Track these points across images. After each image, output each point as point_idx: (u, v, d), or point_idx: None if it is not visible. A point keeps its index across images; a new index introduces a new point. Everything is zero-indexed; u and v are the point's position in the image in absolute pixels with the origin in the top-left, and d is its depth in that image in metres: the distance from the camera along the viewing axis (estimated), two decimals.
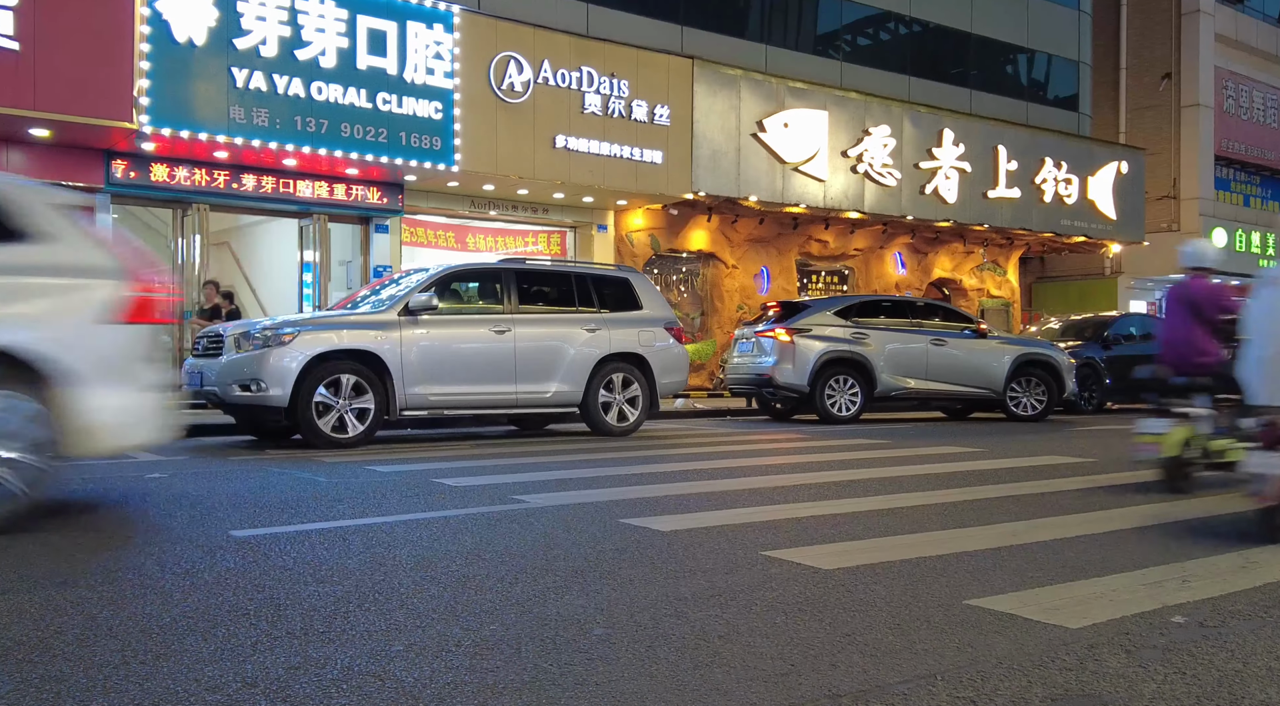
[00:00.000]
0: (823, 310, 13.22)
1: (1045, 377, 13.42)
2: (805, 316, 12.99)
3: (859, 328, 12.93)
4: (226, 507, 5.33)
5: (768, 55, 19.65)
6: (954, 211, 20.49)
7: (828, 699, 2.41)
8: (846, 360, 12.68)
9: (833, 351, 12.59)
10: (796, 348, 12.52)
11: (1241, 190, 29.84)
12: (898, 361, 12.92)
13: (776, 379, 12.62)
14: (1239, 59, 28.69)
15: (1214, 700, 2.42)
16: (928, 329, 13.39)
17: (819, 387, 12.50)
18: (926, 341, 13.14)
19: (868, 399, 12.80)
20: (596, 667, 2.64)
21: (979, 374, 13.28)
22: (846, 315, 13.11)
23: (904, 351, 13.01)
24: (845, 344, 12.70)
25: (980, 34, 23.21)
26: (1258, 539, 4.52)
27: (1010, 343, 13.84)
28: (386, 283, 10.60)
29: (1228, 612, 3.24)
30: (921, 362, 13.04)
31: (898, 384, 12.91)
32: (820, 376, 12.51)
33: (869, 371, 12.74)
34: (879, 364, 12.78)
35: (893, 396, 13.09)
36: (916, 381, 13.04)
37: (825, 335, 12.72)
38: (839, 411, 12.62)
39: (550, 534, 4.57)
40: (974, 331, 13.53)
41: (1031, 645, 2.85)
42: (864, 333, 12.87)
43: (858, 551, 4.18)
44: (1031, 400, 13.43)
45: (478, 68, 14.55)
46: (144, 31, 11.96)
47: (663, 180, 16.55)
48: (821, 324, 12.86)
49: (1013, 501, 5.70)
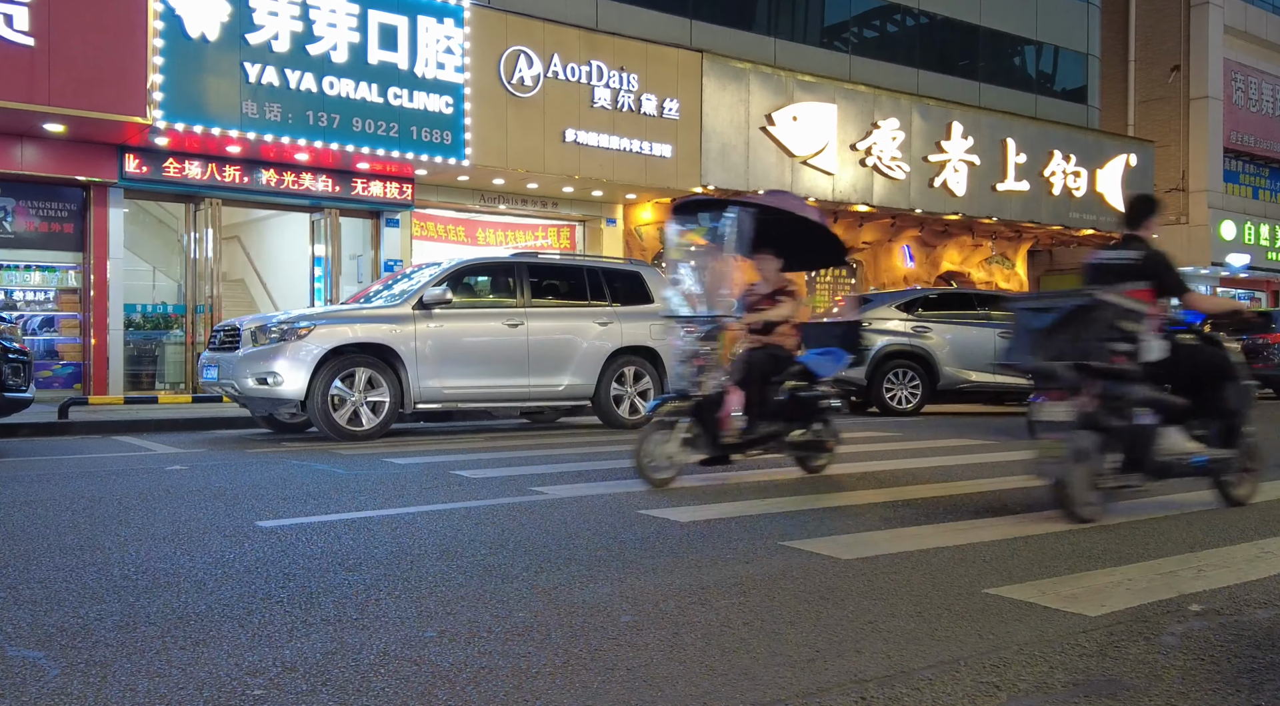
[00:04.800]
0: (886, 303, 13.17)
1: None
2: (867, 310, 12.98)
3: (921, 320, 12.86)
4: (250, 499, 5.40)
5: (776, 48, 19.65)
6: (962, 204, 20.49)
7: (854, 683, 2.46)
8: (907, 353, 12.65)
9: (892, 344, 12.58)
10: None
11: (1250, 182, 29.76)
12: (961, 354, 12.78)
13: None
14: (1248, 51, 28.60)
15: (1235, 687, 2.46)
16: (996, 321, 13.09)
17: (878, 381, 12.50)
18: (993, 334, 12.75)
19: (929, 392, 12.70)
20: (626, 653, 2.69)
21: None
22: (910, 308, 13.05)
23: (968, 344, 12.83)
24: (905, 337, 12.69)
25: (989, 26, 23.17)
26: (1272, 530, 4.56)
27: None
28: (399, 277, 10.65)
29: (1243, 601, 3.28)
30: (988, 355, 12.73)
31: (961, 377, 12.78)
32: (879, 369, 12.50)
33: (931, 364, 12.67)
34: (941, 357, 12.69)
35: (958, 389, 12.94)
36: (980, 375, 12.85)
37: (885, 328, 12.69)
38: (899, 404, 12.60)
39: (571, 524, 4.63)
40: None
41: (1052, 632, 2.90)
42: (926, 326, 12.79)
43: (876, 541, 4.23)
44: None
45: (488, 62, 14.59)
46: (157, 27, 12.01)
47: (672, 174, 16.58)
48: (882, 317, 12.81)
49: (1024, 493, 5.74)
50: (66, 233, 13.39)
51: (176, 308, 14.71)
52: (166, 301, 15.42)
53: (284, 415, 9.53)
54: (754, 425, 6.15)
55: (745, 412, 6.15)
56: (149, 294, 16.11)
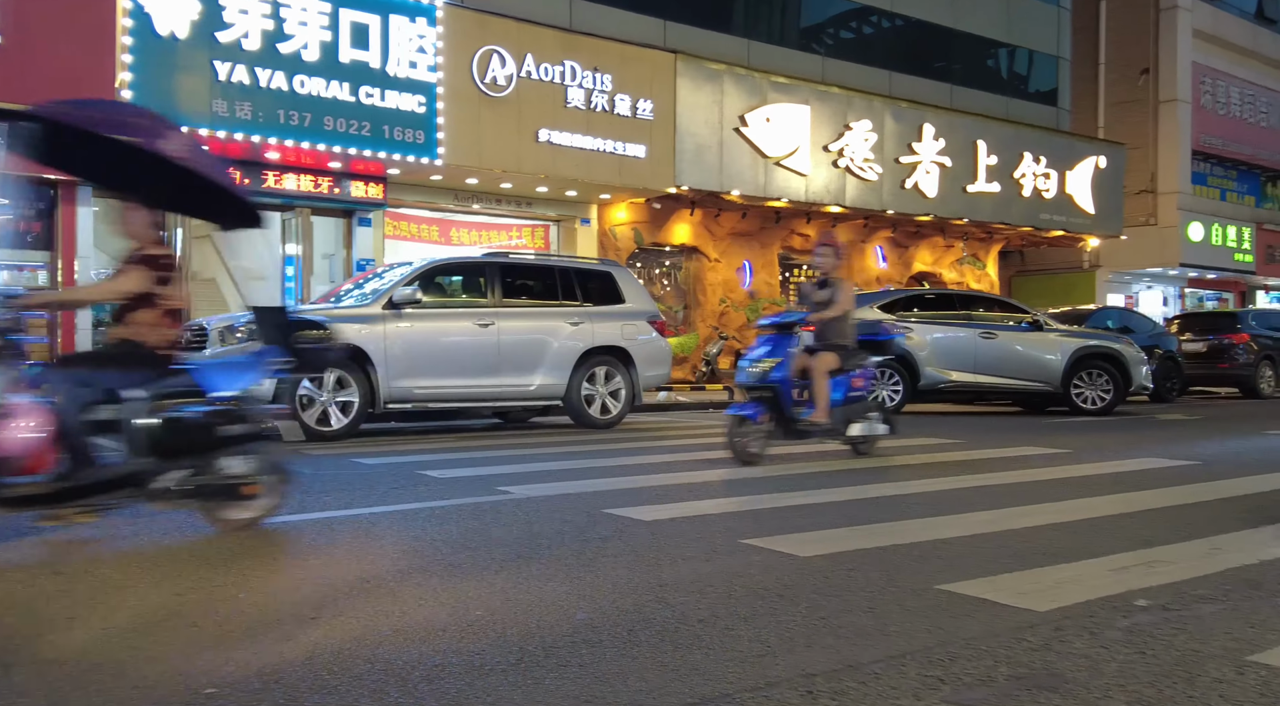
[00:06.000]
0: (866, 304, 13.10)
1: (1110, 371, 13.06)
2: None
3: (902, 321, 12.85)
4: None
5: (750, 50, 19.72)
6: (934, 206, 20.64)
7: (802, 678, 2.50)
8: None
9: None
10: None
11: (1219, 184, 30.14)
12: (943, 354, 12.81)
13: None
14: (1216, 54, 28.96)
15: (1172, 678, 2.52)
16: (978, 322, 13.20)
17: None
18: (975, 334, 12.92)
19: (910, 392, 12.72)
20: (580, 650, 2.72)
21: (1033, 367, 13.00)
22: (891, 309, 13.09)
23: (950, 344, 12.87)
24: None
25: (961, 29, 23.34)
26: (1226, 528, 4.65)
27: (1071, 335, 13.42)
28: (370, 276, 10.63)
29: (1190, 596, 3.35)
30: (969, 356, 12.86)
31: (943, 377, 12.79)
32: None
33: (911, 364, 12.69)
34: (922, 357, 12.71)
35: (938, 390, 12.97)
36: (962, 374, 12.87)
37: None
38: (880, 404, 12.59)
39: (535, 524, 4.65)
40: (1030, 324, 13.28)
41: (1000, 627, 2.96)
42: (907, 326, 12.76)
43: (835, 539, 4.28)
44: (1096, 394, 13.08)
45: (461, 61, 14.57)
46: (126, 24, 11.93)
47: (646, 174, 16.61)
48: (864, 317, 12.87)
49: (988, 491, 5.82)
50: (34, 231, 13.25)
51: None
52: None
53: None
54: (74, 469, 3.98)
55: (58, 448, 3.95)
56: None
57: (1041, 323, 13.31)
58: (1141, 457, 7.64)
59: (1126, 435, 9.88)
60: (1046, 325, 13.32)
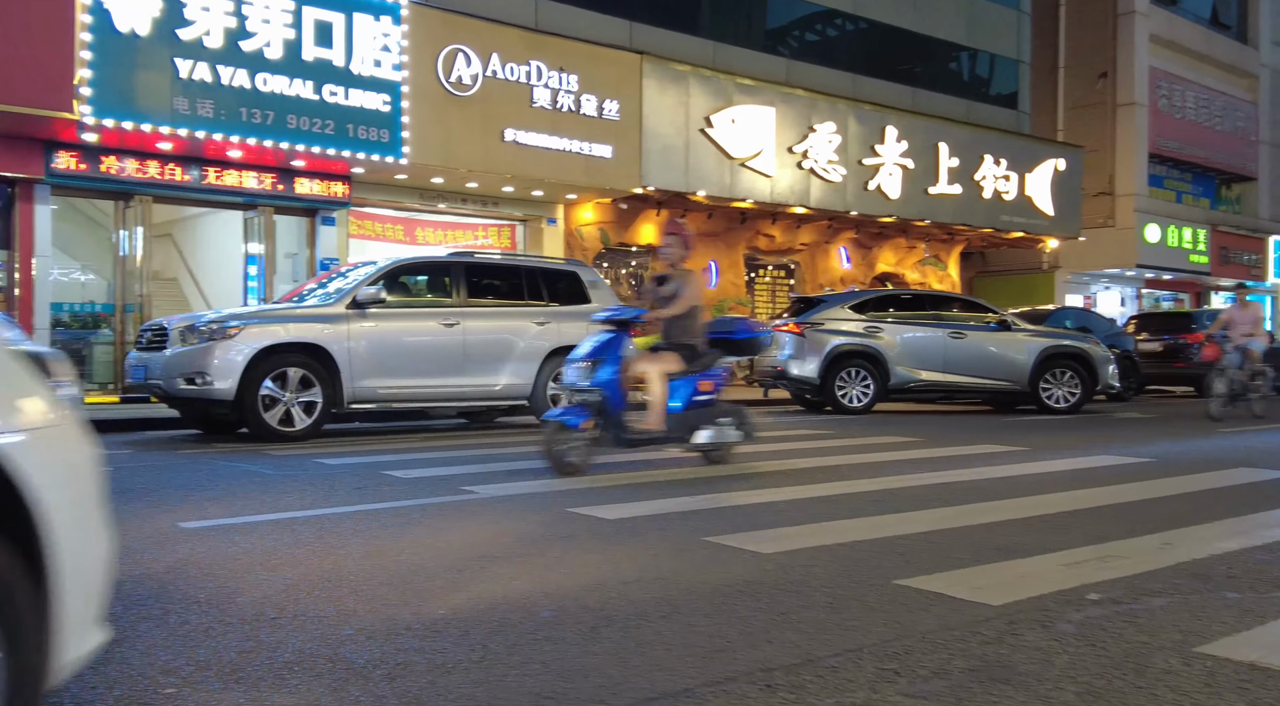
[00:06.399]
0: (838, 304, 13.44)
1: (1078, 370, 13.30)
2: (820, 310, 13.23)
3: (873, 321, 13.11)
4: (174, 500, 5.34)
5: (716, 52, 19.79)
6: (897, 207, 20.83)
7: (761, 672, 2.54)
8: (859, 353, 12.89)
9: (845, 345, 12.82)
10: (808, 341, 12.83)
11: (1174, 187, 30.67)
12: (912, 354, 13.03)
13: (790, 371, 12.96)
14: (1172, 59, 29.46)
15: (1121, 670, 2.58)
16: (948, 322, 13.42)
17: (830, 380, 12.73)
18: (944, 334, 13.15)
19: (881, 391, 12.93)
20: (543, 647, 2.75)
21: (1001, 366, 13.23)
22: (863, 309, 13.31)
23: (919, 344, 13.10)
24: (858, 337, 12.93)
25: (923, 32, 23.57)
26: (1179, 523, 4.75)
27: (1039, 335, 13.66)
28: (333, 275, 10.57)
29: (1141, 590, 3.43)
30: (938, 355, 13.08)
31: (912, 376, 13.02)
32: (832, 369, 12.75)
33: (882, 364, 12.91)
34: (892, 356, 12.94)
35: (909, 389, 13.18)
36: (931, 373, 13.09)
37: (838, 329, 12.94)
38: (850, 403, 12.84)
39: (499, 523, 4.66)
40: (999, 324, 13.50)
41: (955, 621, 3.02)
42: (878, 326, 13.04)
43: (797, 536, 4.33)
44: (1064, 392, 13.32)
45: (426, 60, 14.50)
46: (85, 21, 11.75)
47: (612, 174, 16.62)
48: (835, 318, 13.08)
49: (946, 488, 5.90)
50: None
51: (105, 307, 14.39)
52: (96, 300, 15.07)
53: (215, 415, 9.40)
54: None
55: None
56: (79, 292, 15.73)
57: (1010, 323, 13.54)
58: (1097, 455, 7.78)
59: (1083, 433, 10.05)
60: (1015, 325, 13.55)
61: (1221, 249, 30.22)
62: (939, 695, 2.38)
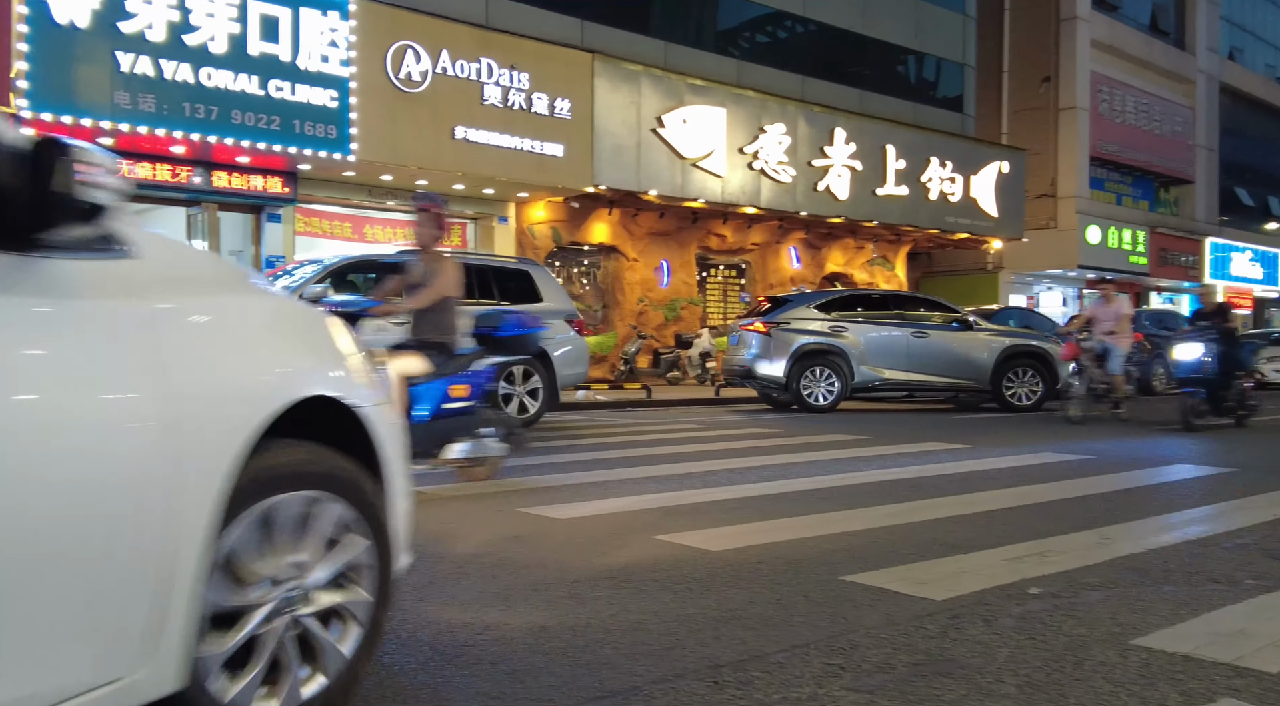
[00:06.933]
0: (804, 304, 13.60)
1: (1038, 368, 13.53)
2: (786, 310, 13.37)
3: (838, 321, 13.28)
4: None
5: (667, 52, 19.85)
6: (845, 208, 21.06)
7: (709, 669, 2.56)
8: (824, 352, 13.04)
9: (810, 344, 12.97)
10: (774, 340, 12.97)
11: (1115, 189, 31.37)
12: (876, 353, 13.20)
13: (757, 370, 13.10)
14: (1113, 64, 30.12)
15: (1060, 662, 2.65)
16: (911, 321, 13.61)
17: (796, 378, 12.88)
18: (907, 333, 13.33)
19: (845, 389, 13.10)
20: (492, 647, 2.74)
21: (963, 365, 13.43)
22: (828, 309, 13.47)
23: (883, 343, 13.27)
24: (823, 337, 13.08)
25: (871, 35, 23.84)
26: (1115, 519, 4.87)
27: (1001, 334, 13.89)
28: (279, 274, 10.42)
29: (1080, 584, 3.51)
30: (901, 354, 13.25)
31: (876, 375, 13.19)
32: (797, 367, 12.90)
33: (847, 363, 13.08)
34: (856, 355, 13.11)
35: (873, 387, 13.38)
36: (895, 372, 13.26)
37: (804, 328, 13.08)
38: (816, 402, 12.99)
39: (448, 523, 4.64)
40: (961, 324, 13.70)
41: (900, 616, 3.07)
42: (843, 326, 13.20)
43: (745, 534, 4.37)
44: (1026, 391, 13.55)
45: (374, 56, 14.35)
46: (22, 12, 11.46)
47: (564, 173, 16.60)
48: (801, 317, 13.22)
49: (891, 486, 5.99)
50: None
51: None
52: None
53: None
54: None
55: None
56: None
57: (972, 323, 13.82)
58: (1039, 452, 7.94)
59: (1026, 431, 10.24)
60: (977, 325, 13.83)
61: (1160, 250, 30.95)
62: (883, 689, 2.42)
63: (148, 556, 1.66)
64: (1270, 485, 6.04)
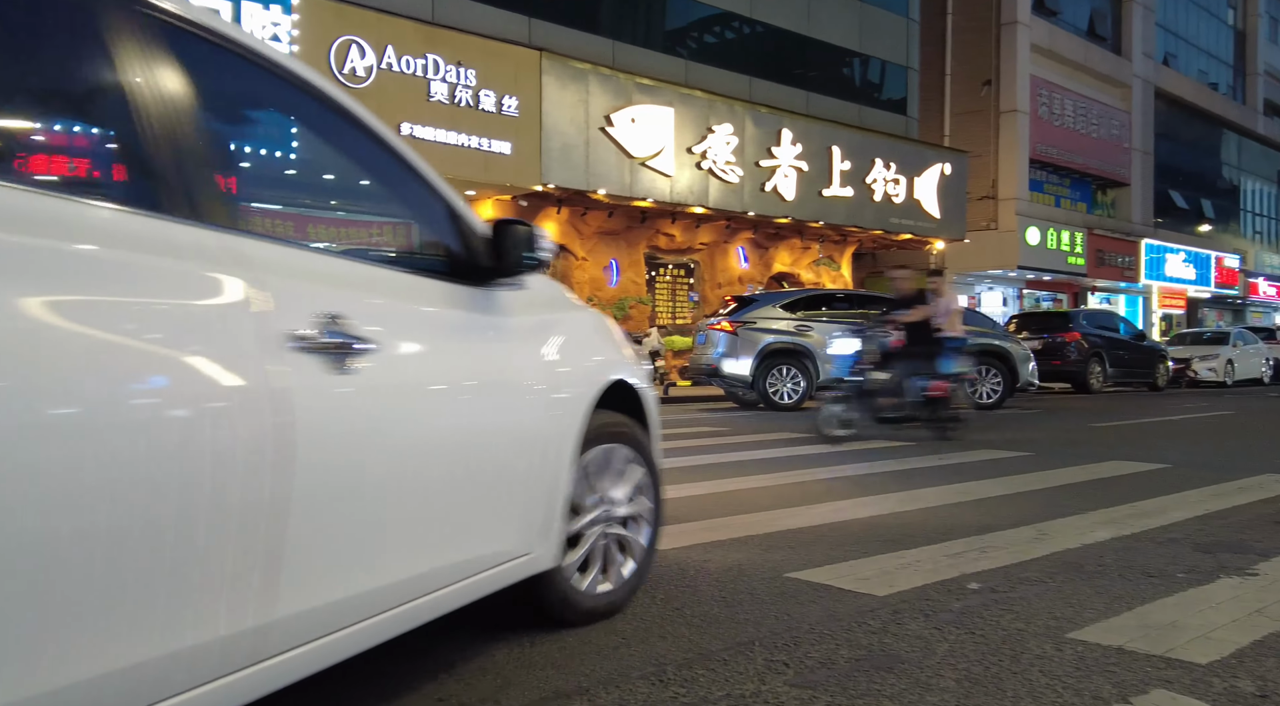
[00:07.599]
0: (770, 304, 13.79)
1: (999, 367, 13.75)
2: (752, 310, 13.49)
3: (804, 320, 13.42)
4: None
5: (615, 51, 19.85)
6: (792, 208, 21.24)
7: (654, 667, 2.57)
8: (790, 351, 13.20)
9: (776, 343, 13.14)
10: (740, 339, 13.13)
11: (1054, 191, 32.04)
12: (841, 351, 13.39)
13: (723, 369, 13.25)
14: (1052, 69, 30.76)
15: (998, 655, 2.70)
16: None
17: (762, 377, 12.99)
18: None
19: (810, 387, 13.26)
20: (438, 647, 2.72)
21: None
22: (794, 308, 13.64)
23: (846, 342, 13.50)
24: (789, 336, 13.25)
25: (816, 37, 24.06)
26: (1053, 514, 4.97)
27: None
28: None
29: (1018, 579, 3.58)
30: None
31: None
32: (763, 366, 13.05)
33: (812, 361, 13.24)
34: (821, 354, 13.29)
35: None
36: None
37: (770, 327, 13.24)
38: (782, 400, 13.14)
39: None
40: None
41: (842, 612, 3.10)
42: (808, 325, 13.37)
43: (689, 533, 4.38)
44: (989, 389, 13.74)
45: (317, 51, 14.17)
46: None
47: (512, 171, 16.52)
48: (767, 317, 13.36)
49: (834, 483, 6.05)
50: None
51: None
52: None
53: None
54: None
55: None
56: None
57: None
58: (980, 449, 8.08)
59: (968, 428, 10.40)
60: None
61: (1097, 251, 31.67)
62: (825, 685, 2.45)
63: (544, 476, 2.63)
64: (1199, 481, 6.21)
